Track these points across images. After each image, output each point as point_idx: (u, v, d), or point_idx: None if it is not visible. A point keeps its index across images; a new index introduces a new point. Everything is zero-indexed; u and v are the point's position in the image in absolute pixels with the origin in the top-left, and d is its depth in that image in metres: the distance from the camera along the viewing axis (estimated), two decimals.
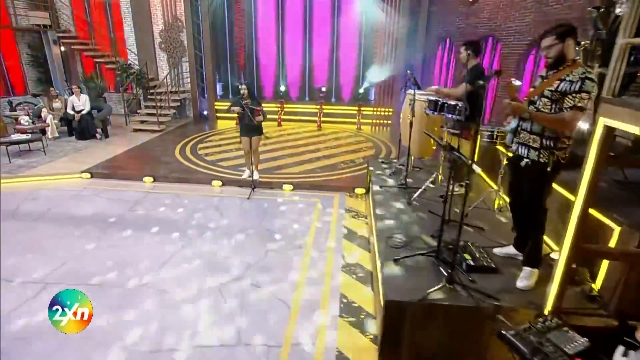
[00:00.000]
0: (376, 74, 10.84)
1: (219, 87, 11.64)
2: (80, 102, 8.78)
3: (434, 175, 4.69)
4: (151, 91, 10.74)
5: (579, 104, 2.51)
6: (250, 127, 6.12)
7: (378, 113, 11.32)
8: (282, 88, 11.27)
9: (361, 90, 11.14)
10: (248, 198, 6.01)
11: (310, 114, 11.30)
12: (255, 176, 6.49)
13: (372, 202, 5.60)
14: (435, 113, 4.22)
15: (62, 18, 11.35)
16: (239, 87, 6.06)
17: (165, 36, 11.13)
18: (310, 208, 5.78)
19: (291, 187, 6.47)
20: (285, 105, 11.21)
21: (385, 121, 11.36)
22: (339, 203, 5.98)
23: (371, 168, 5.91)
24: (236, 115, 6.07)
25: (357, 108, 11.25)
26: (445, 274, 2.96)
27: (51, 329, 2.37)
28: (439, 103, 4.15)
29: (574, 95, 2.53)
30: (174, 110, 10.81)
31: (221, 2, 10.78)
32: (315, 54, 11.22)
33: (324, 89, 11.13)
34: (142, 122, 10.07)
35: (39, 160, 7.29)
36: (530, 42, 6.66)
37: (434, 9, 9.83)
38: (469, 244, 3.41)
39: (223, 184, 6.51)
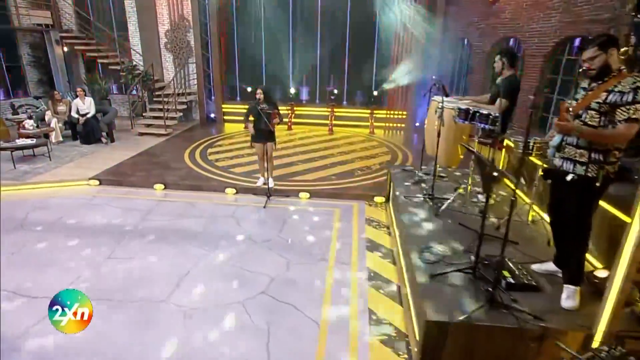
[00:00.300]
0: (391, 76, 10.86)
1: (226, 89, 11.69)
2: (85, 105, 8.84)
3: (463, 186, 4.68)
4: (157, 93, 10.80)
5: (634, 116, 2.51)
6: (265, 133, 6.14)
7: (391, 116, 11.35)
8: (292, 90, 11.30)
9: (375, 93, 11.15)
10: (264, 207, 6.03)
11: (320, 117, 11.33)
12: (271, 184, 6.51)
13: (393, 211, 5.61)
14: (466, 122, 4.23)
15: (64, 17, 11.43)
16: (256, 90, 6.09)
17: (172, 36, 11.20)
18: (329, 217, 5.79)
19: (308, 195, 6.48)
20: (295, 108, 11.24)
21: (398, 125, 11.38)
22: (358, 212, 5.99)
23: (392, 176, 5.91)
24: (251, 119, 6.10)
25: (369, 111, 11.27)
26: (485, 292, 2.95)
27: (72, 348, 2.38)
28: (470, 112, 4.15)
29: (627, 107, 2.52)
30: (181, 114, 10.86)
31: (230, 2, 10.83)
32: (327, 55, 11.25)
33: (335, 91, 11.15)
34: (148, 125, 10.12)
35: (44, 166, 7.34)
36: (556, 44, 6.66)
37: (452, 9, 9.85)
38: (507, 259, 3.41)
39: (237, 192, 6.53)
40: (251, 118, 6.10)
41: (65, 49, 11.40)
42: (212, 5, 10.49)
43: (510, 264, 3.36)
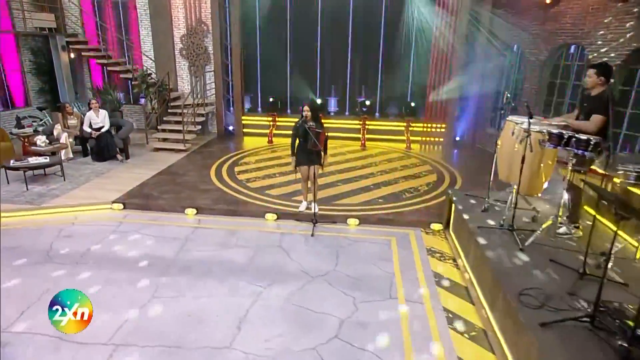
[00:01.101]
0: (429, 86, 10.94)
1: (246, 99, 11.80)
2: (99, 119, 8.93)
3: (551, 217, 4.65)
4: (172, 104, 10.91)
5: None
6: (312, 154, 6.17)
7: (428, 130, 11.39)
8: (319, 101, 11.39)
9: (413, 104, 11.21)
10: (312, 235, 6.02)
11: (350, 130, 11.38)
12: (315, 209, 6.51)
13: (459, 242, 5.59)
14: (560, 148, 4.21)
15: (70, 19, 11.62)
16: (301, 107, 6.16)
17: (188, 42, 11.37)
18: (386, 247, 5.76)
19: (357, 221, 6.47)
20: (322, 121, 11.28)
21: (436, 139, 11.41)
22: (416, 241, 5.96)
23: (454, 201, 5.89)
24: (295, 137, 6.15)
25: (405, 124, 11.32)
26: (620, 348, 2.88)
27: None
28: (565, 136, 4.14)
29: None
30: (200, 127, 10.95)
31: (253, 5, 11.01)
32: (358, 63, 11.36)
33: (367, 102, 11.21)
34: (164, 139, 10.20)
35: (59, 187, 7.38)
36: (632, 53, 6.69)
37: (499, 12, 9.95)
38: (626, 306, 3.36)
39: (278, 218, 6.53)
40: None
41: (72, 55, 11.57)
42: (234, 8, 10.65)
43: (630, 311, 3.31)
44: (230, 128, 11.78)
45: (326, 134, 6.21)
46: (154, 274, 4.92)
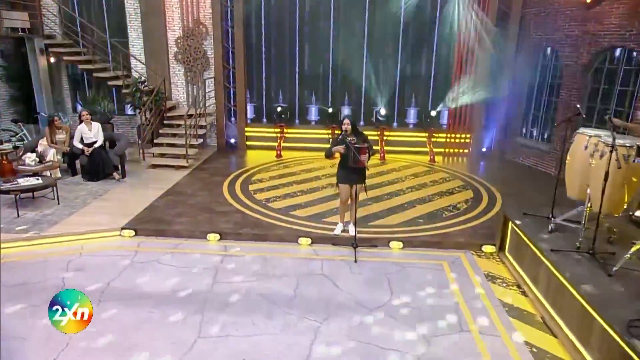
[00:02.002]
0: (453, 93, 11.19)
1: (250, 108, 11.84)
2: (92, 133, 8.83)
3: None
4: (169, 114, 10.87)
5: None
6: (354, 172, 6.24)
7: (452, 141, 11.61)
8: (330, 110, 11.50)
9: (433, 113, 11.42)
10: (355, 261, 6.05)
11: None
12: (352, 231, 6.55)
13: (523, 266, 5.68)
14: None
15: (47, 17, 11.45)
16: (342, 121, 6.25)
17: (184, 45, 11.39)
18: (439, 273, 5.84)
19: (400, 245, 6.54)
20: (336, 132, 11.40)
21: (461, 150, 11.63)
22: (471, 266, 6.05)
23: (513, 221, 6.00)
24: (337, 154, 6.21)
25: (426, 135, 11.51)
26: None
27: None
28: None
29: None
30: (201, 140, 10.92)
31: (259, 5, 11.13)
32: (374, 69, 11.55)
33: (383, 111, 11.38)
34: (162, 155, 10.14)
35: (54, 212, 7.25)
36: None
37: (530, 11, 10.28)
38: None
39: (312, 242, 6.55)
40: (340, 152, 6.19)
41: (52, 59, 11.46)
42: (238, 7, 10.75)
43: None
44: (232, 141, 11.78)
45: (371, 148, 6.28)
46: (191, 309, 4.87)
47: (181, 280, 5.47)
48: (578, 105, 4.64)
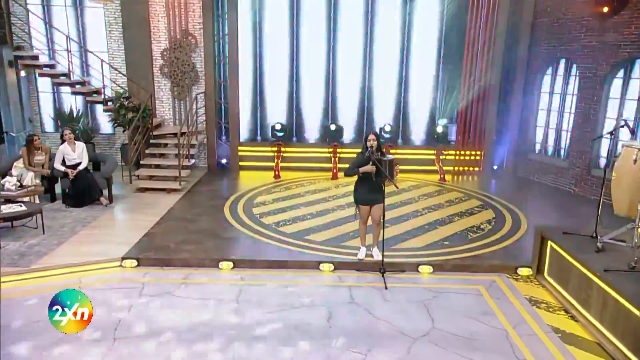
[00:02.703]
0: (461, 107, 11.54)
1: (243, 126, 11.91)
2: (76, 154, 8.73)
3: None
4: (155, 133, 10.83)
5: None
6: (375, 191, 6.37)
7: (461, 158, 11.91)
8: (333, 127, 11.64)
9: (439, 129, 11.71)
10: (385, 288, 6.10)
11: None
12: (376, 255, 6.63)
13: (562, 289, 5.82)
14: None
15: (17, 26, 11.32)
16: (367, 136, 6.35)
17: (171, 57, 11.42)
18: (479, 299, 5.94)
19: (430, 269, 6.64)
20: (337, 150, 11.55)
21: (472, 168, 11.92)
22: (510, 290, 6.17)
23: (553, 241, 6.16)
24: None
25: (435, 152, 11.77)
26: None
27: None
28: None
29: None
30: (193, 161, 10.89)
31: (253, 15, 11.32)
32: (377, 83, 11.83)
33: (388, 127, 11.60)
34: (150, 177, 10.06)
35: (40, 242, 7.08)
36: None
37: (542, 22, 10.75)
38: None
39: (335, 268, 6.59)
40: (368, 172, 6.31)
41: (22, 73, 11.33)
42: (232, 17, 10.91)
43: None
44: (223, 161, 11.78)
45: (395, 162, 6.43)
46: (220, 345, 4.81)
47: (201, 314, 5.40)
48: (625, 119, 4.88)
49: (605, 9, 9.11)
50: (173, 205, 8.91)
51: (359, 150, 6.28)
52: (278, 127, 11.48)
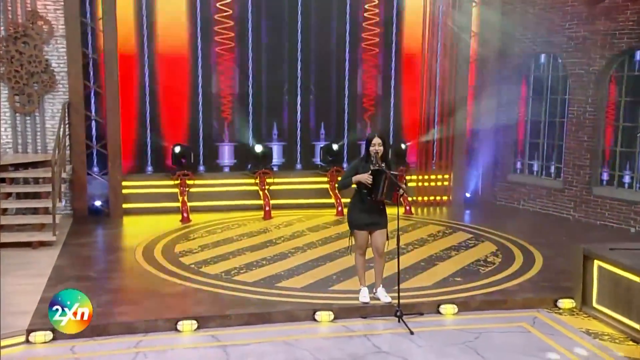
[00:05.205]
0: (419, 120, 12.87)
1: (127, 150, 12.01)
2: None
3: None
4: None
5: None
6: (375, 212, 7.07)
7: (425, 184, 13.16)
8: (259, 149, 12.13)
9: (403, 146, 12.91)
10: (412, 333, 6.77)
11: (311, 193, 12.54)
12: (383, 297, 7.31)
13: (623, 318, 6.89)
14: None
15: None
16: (370, 138, 7.01)
17: (9, 51, 11.18)
18: (528, 336, 6.87)
19: (454, 309, 7.48)
20: (268, 181, 12.07)
21: (440, 197, 13.19)
22: (559, 325, 7.20)
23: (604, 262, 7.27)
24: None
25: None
26: None
27: None
28: None
29: None
30: (65, 201, 10.79)
31: None
32: (315, 90, 12.79)
33: (335, 146, 12.46)
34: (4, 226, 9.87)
35: None
36: None
37: (514, 8, 12.42)
38: None
39: (335, 317, 7.14)
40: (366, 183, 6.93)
41: None
42: None
43: None
44: (98, 204, 11.73)
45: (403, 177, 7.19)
46: None
47: None
48: None
49: None
50: (55, 263, 8.86)
51: (297, 177, 6.54)
52: (178, 149, 11.73)
